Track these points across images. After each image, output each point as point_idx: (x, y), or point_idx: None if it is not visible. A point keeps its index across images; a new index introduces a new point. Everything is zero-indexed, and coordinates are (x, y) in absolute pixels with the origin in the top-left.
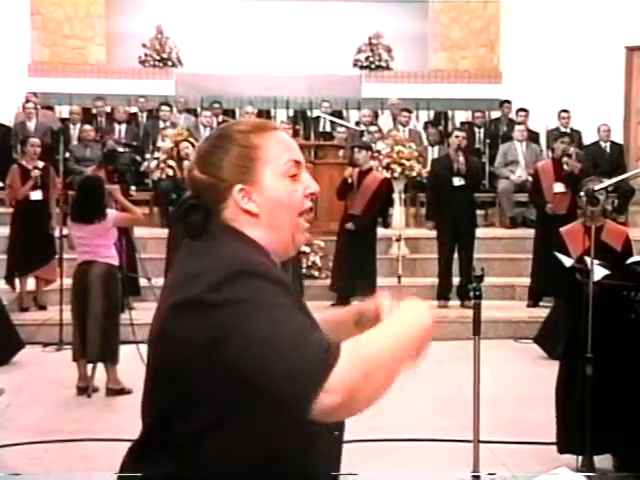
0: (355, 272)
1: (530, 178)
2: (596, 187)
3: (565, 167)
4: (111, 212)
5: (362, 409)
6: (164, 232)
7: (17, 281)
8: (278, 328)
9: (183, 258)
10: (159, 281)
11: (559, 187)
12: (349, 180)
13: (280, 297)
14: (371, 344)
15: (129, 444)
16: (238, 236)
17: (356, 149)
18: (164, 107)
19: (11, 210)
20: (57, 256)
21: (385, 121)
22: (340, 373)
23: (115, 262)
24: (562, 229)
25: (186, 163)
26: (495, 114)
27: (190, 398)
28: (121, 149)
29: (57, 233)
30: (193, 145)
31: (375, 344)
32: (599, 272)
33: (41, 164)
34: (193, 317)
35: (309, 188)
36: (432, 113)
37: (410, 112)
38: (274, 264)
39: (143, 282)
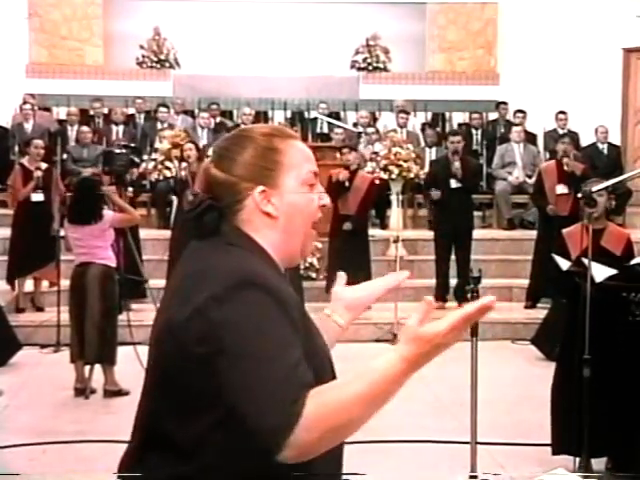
0: (350, 273)
1: (527, 179)
2: (593, 188)
3: (565, 168)
4: (107, 213)
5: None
6: (162, 233)
7: (16, 282)
8: (268, 359)
9: (189, 259)
10: (157, 282)
11: (561, 189)
12: (346, 183)
13: (281, 317)
14: (336, 398)
15: (127, 446)
16: (248, 241)
17: (345, 150)
18: (162, 108)
19: (12, 211)
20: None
21: (388, 122)
22: (299, 435)
23: (112, 263)
24: (564, 230)
25: (184, 165)
26: (493, 115)
27: (191, 401)
28: (118, 150)
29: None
30: (197, 146)
31: (340, 400)
32: (602, 272)
33: (44, 166)
34: (193, 327)
35: (322, 200)
36: (430, 114)
37: (408, 113)
38: (280, 272)
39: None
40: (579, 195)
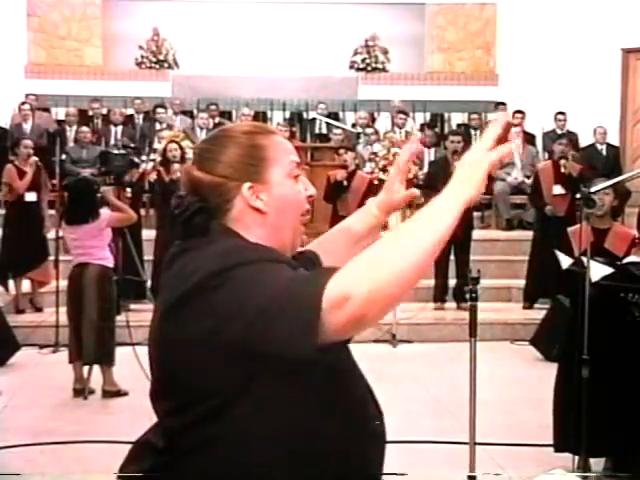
0: None
1: (526, 180)
2: (591, 189)
3: (562, 169)
4: (105, 212)
5: (376, 320)
6: None
7: (11, 283)
8: (277, 287)
9: (178, 258)
10: None
11: (558, 189)
12: (345, 183)
13: (280, 268)
14: (379, 254)
15: (126, 445)
16: (236, 237)
17: (342, 150)
18: (159, 109)
19: (4, 212)
20: (52, 258)
21: (384, 123)
22: (337, 291)
23: (110, 264)
24: (569, 229)
25: (176, 166)
26: (491, 116)
27: (201, 390)
28: (116, 151)
29: (51, 235)
30: (181, 147)
31: (385, 254)
32: (599, 271)
33: (34, 159)
34: (195, 306)
35: (309, 190)
36: (428, 115)
37: (406, 114)
38: None
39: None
40: (577, 196)
